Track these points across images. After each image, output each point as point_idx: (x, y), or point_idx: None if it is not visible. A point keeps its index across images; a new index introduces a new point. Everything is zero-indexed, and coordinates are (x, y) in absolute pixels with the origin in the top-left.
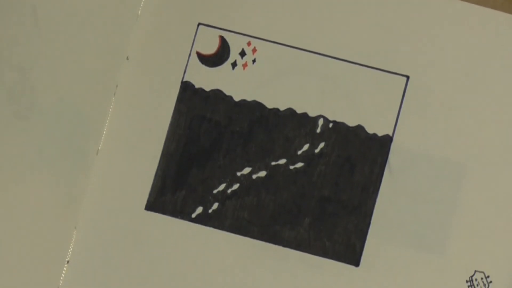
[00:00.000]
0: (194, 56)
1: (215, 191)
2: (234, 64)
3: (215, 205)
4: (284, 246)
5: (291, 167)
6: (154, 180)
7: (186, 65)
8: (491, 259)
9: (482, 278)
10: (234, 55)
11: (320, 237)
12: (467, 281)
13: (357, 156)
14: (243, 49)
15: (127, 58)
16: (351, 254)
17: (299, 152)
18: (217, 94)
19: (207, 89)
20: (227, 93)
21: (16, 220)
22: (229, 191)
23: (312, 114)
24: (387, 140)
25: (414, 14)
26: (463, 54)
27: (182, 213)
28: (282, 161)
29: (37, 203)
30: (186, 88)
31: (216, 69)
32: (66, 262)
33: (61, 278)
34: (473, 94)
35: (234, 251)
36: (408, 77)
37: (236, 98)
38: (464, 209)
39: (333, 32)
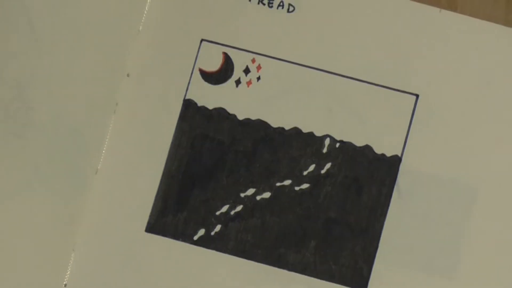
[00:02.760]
0: (196, 73)
1: (217, 213)
2: (238, 82)
3: (218, 227)
4: (289, 270)
5: (297, 188)
6: (154, 201)
7: (189, 82)
8: (503, 284)
9: None
10: (238, 72)
11: (326, 260)
12: None
13: (365, 177)
14: (247, 66)
15: (128, 75)
16: (358, 279)
17: (305, 173)
18: (221, 112)
19: (210, 107)
20: (231, 112)
21: (12, 242)
22: (232, 212)
23: (318, 133)
24: (395, 161)
25: (424, 31)
26: (475, 72)
27: (184, 235)
28: (287, 182)
29: (34, 225)
30: (189, 106)
31: (220, 87)
32: (63, 286)
33: None
34: (485, 113)
35: (238, 275)
36: (417, 96)
37: (240, 117)
38: (476, 232)
39: (340, 49)
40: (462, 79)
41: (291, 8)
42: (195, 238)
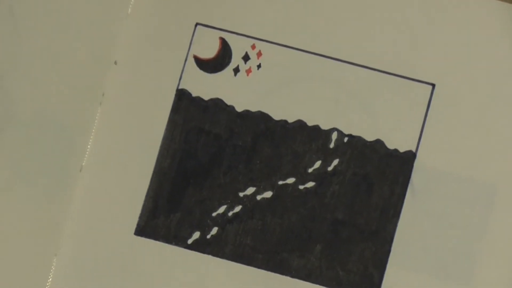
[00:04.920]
0: (191, 61)
1: (214, 214)
2: (236, 70)
3: (214, 230)
4: (293, 276)
5: (301, 186)
6: (145, 201)
7: (182, 71)
8: None
9: None
10: (236, 59)
11: (333, 266)
12: None
13: (376, 175)
14: (246, 53)
15: (115, 63)
16: (368, 285)
17: (310, 170)
18: (217, 103)
19: (206, 98)
20: (229, 103)
21: None
22: (230, 213)
23: (324, 126)
24: (409, 157)
25: (440, 14)
26: (497, 60)
27: (177, 238)
28: (291, 180)
29: (13, 227)
30: (182, 96)
31: (216, 75)
32: None
33: None
34: (506, 105)
35: (236, 282)
36: (433, 85)
37: (239, 108)
38: (494, 234)
39: (348, 34)
40: (482, 67)
41: None
42: (190, 241)
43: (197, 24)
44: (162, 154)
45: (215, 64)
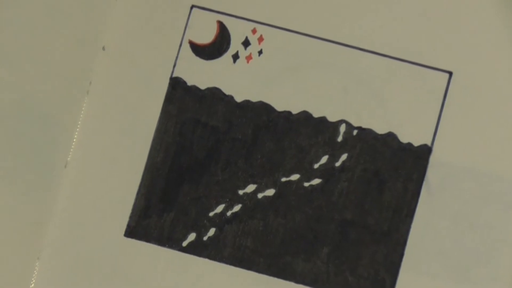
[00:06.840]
0: (186, 46)
1: (211, 214)
2: (235, 56)
3: (212, 231)
4: (297, 281)
5: (306, 184)
6: (136, 200)
7: (177, 58)
8: None
9: None
10: (235, 45)
11: (342, 270)
12: None
13: (388, 171)
14: (246, 38)
15: (103, 49)
16: None
17: (316, 166)
18: (215, 93)
19: (202, 87)
20: (227, 92)
21: None
22: (228, 213)
23: (332, 118)
24: (424, 151)
25: None
26: None
27: (171, 240)
28: (295, 177)
29: None
30: (177, 85)
31: (214, 62)
32: None
33: None
34: None
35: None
36: (451, 74)
37: (238, 99)
38: None
39: (358, 18)
40: (503, 54)
41: None
42: (184, 244)
43: (192, 6)
44: (154, 148)
45: (212, 50)
